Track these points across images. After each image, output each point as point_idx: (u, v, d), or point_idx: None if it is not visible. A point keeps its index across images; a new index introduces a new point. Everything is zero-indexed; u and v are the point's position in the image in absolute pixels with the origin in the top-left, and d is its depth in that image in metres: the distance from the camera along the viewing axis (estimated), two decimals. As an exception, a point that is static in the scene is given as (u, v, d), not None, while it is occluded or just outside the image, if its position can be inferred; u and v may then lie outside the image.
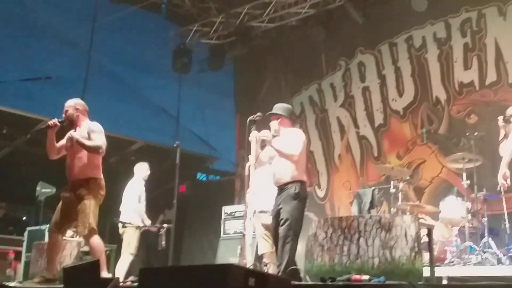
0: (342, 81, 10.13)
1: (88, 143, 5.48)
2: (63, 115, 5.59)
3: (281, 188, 5.55)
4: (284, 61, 11.07)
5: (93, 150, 5.48)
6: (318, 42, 9.94)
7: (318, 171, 10.13)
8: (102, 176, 5.58)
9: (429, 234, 4.95)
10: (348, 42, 10.09)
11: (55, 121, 5.50)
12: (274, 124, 5.72)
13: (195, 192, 7.75)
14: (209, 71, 11.14)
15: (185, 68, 10.90)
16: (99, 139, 5.52)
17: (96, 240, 5.41)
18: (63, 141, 5.64)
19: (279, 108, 5.83)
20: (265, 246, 6.25)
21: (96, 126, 5.59)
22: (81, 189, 5.46)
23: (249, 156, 5.91)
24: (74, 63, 9.32)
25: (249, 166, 5.91)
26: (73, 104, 5.62)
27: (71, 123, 5.58)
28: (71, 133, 5.56)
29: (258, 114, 5.74)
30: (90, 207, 5.40)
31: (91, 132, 5.52)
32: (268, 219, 5.81)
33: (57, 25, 9.04)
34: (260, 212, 6.22)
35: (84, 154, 5.52)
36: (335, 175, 9.97)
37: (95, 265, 3.41)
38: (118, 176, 8.57)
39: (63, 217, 5.45)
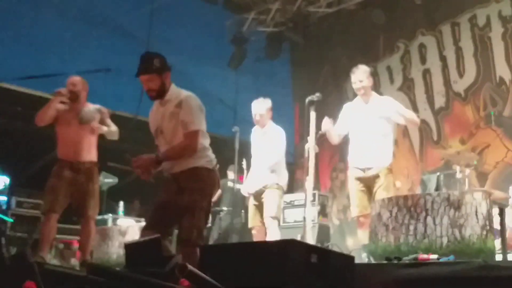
0: (401, 64, 9.92)
1: (113, 128, 5.76)
2: (69, 88, 5.59)
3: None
4: (341, 47, 10.94)
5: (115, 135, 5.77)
6: (377, 26, 9.78)
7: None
8: None
9: (501, 213, 4.76)
10: (408, 24, 9.86)
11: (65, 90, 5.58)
12: None
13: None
14: (266, 60, 11.11)
15: (240, 60, 10.93)
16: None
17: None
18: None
19: None
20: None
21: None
22: (91, 172, 5.66)
23: (308, 138, 5.86)
24: (133, 55, 9.46)
25: (308, 148, 5.86)
26: (82, 81, 5.72)
27: (75, 99, 5.62)
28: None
29: (317, 94, 5.75)
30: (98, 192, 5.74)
31: (106, 117, 5.77)
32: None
33: (115, 16, 9.22)
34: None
35: (94, 136, 5.70)
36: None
37: (157, 241, 3.38)
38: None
39: (65, 197, 5.51)
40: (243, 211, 8.87)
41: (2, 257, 3.27)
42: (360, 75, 5.79)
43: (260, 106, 6.36)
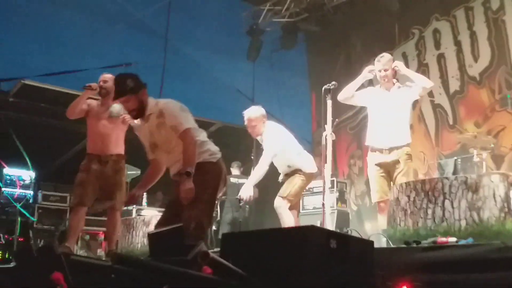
0: (416, 50, 9.94)
1: None
2: (100, 84, 5.67)
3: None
4: (356, 35, 10.96)
5: None
6: (391, 13, 9.78)
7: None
8: None
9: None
10: (422, 10, 9.88)
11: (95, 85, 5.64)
12: None
13: (272, 169, 7.90)
14: (282, 50, 11.17)
15: (258, 51, 10.98)
16: None
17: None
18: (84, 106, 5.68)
19: None
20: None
21: None
22: (118, 165, 5.71)
23: (325, 126, 5.91)
24: (151, 48, 9.59)
25: (326, 136, 5.91)
26: (113, 78, 5.75)
27: (105, 94, 5.69)
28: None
29: (333, 82, 5.80)
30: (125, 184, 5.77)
31: None
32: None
33: (133, 11, 9.34)
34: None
35: (123, 130, 5.77)
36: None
37: (179, 230, 3.45)
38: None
39: (93, 190, 5.56)
40: (247, 206, 9.07)
41: (30, 249, 3.36)
42: (385, 63, 5.80)
43: (250, 116, 6.24)
